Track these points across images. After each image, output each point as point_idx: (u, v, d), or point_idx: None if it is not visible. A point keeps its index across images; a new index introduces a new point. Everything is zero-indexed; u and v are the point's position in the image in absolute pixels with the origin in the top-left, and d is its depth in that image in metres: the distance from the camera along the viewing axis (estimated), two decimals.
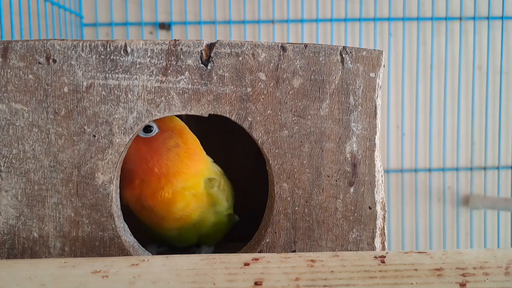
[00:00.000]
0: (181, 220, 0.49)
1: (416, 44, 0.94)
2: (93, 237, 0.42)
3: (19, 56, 0.40)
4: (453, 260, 0.35)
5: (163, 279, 0.33)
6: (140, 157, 0.46)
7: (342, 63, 0.42)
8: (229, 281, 0.33)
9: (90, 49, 0.41)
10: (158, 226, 0.50)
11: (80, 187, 0.42)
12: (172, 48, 0.41)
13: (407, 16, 0.93)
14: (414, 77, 0.95)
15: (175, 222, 0.49)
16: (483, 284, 0.33)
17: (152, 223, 0.50)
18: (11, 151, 0.41)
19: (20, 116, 0.41)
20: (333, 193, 0.43)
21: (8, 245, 0.41)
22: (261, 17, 0.92)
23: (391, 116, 0.96)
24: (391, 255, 0.36)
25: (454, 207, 0.98)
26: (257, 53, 0.42)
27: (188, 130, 0.50)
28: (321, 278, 0.33)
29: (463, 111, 0.96)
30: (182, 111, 0.42)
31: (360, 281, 0.33)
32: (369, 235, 0.44)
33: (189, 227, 0.50)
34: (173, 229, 0.50)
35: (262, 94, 0.42)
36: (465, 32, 0.95)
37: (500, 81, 0.95)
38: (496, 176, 0.97)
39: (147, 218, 0.49)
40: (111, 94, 0.41)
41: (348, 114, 0.43)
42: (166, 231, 0.51)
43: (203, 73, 0.41)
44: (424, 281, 0.33)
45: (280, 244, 0.44)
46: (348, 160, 0.43)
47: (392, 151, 0.96)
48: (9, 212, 0.41)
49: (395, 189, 0.97)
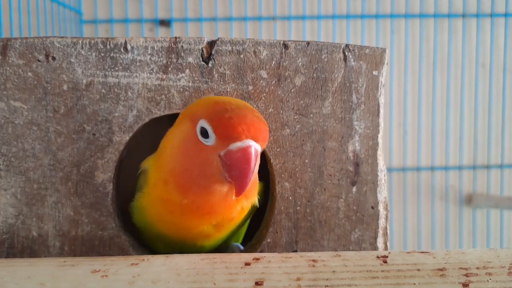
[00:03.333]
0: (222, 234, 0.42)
1: (419, 42, 0.93)
2: (92, 236, 0.42)
3: (18, 54, 0.40)
4: (456, 260, 0.35)
5: (163, 279, 0.33)
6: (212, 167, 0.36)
7: (344, 61, 0.42)
8: (230, 281, 0.33)
9: (90, 47, 0.40)
10: (185, 237, 0.41)
11: (79, 186, 0.41)
12: (172, 45, 0.41)
13: (410, 13, 0.93)
14: (417, 74, 0.94)
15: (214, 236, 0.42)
16: (486, 284, 0.33)
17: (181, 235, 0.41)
18: (10, 149, 0.41)
19: (19, 114, 0.40)
20: (335, 192, 0.43)
21: (7, 244, 0.41)
22: (262, 13, 0.92)
23: (393, 114, 0.95)
24: (393, 255, 0.35)
25: (457, 206, 0.97)
26: (258, 50, 0.41)
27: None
28: (322, 278, 0.33)
29: (466, 109, 0.95)
30: (183, 109, 0.41)
31: (362, 281, 0.33)
32: (372, 235, 0.44)
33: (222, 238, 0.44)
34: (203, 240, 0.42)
35: (264, 92, 0.42)
36: (468, 29, 0.94)
37: (503, 78, 0.95)
38: (500, 174, 0.96)
39: (175, 228, 0.40)
40: (111, 92, 0.41)
41: (350, 112, 0.42)
42: (190, 241, 0.42)
43: (204, 70, 0.41)
44: (427, 281, 0.33)
45: (282, 244, 0.43)
46: (350, 159, 0.43)
47: (394, 150, 0.96)
48: (8, 211, 0.41)
49: (398, 188, 0.96)
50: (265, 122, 0.35)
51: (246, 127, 0.34)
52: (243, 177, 0.34)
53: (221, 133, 0.34)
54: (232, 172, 0.34)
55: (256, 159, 0.34)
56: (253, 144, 0.34)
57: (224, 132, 0.34)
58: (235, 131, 0.33)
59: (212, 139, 0.35)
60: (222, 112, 0.34)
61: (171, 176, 0.37)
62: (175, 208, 0.38)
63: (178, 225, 0.40)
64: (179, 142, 0.37)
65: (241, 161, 0.34)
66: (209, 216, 0.38)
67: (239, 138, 0.34)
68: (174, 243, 0.43)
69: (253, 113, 0.35)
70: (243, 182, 0.34)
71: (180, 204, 0.37)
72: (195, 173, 0.36)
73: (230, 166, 0.34)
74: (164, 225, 0.41)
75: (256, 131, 0.34)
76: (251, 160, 0.34)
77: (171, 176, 0.37)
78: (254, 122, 0.34)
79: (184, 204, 0.37)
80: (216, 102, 0.36)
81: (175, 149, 0.38)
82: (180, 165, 0.37)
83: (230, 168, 0.34)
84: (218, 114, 0.34)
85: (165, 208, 0.39)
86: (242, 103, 0.36)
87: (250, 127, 0.34)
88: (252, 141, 0.34)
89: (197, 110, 0.37)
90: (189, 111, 0.38)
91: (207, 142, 0.35)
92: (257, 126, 0.34)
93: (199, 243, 0.42)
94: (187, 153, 0.36)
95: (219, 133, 0.34)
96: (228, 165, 0.34)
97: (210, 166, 0.35)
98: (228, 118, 0.34)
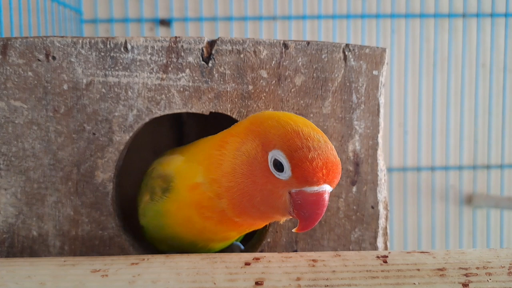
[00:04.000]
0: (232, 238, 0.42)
1: (419, 41, 0.93)
2: (92, 236, 0.42)
3: (18, 53, 0.40)
4: (456, 260, 0.35)
5: (163, 279, 0.33)
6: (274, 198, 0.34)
7: (345, 61, 0.42)
8: (230, 280, 0.33)
9: (90, 46, 0.40)
10: (204, 240, 0.41)
11: (79, 186, 0.41)
12: (172, 45, 0.40)
13: (410, 13, 0.93)
14: (417, 74, 0.94)
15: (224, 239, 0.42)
16: (486, 284, 0.33)
17: (201, 238, 0.40)
18: (11, 149, 0.41)
19: (20, 114, 0.40)
20: (335, 192, 0.43)
21: (7, 243, 0.41)
22: (262, 13, 0.92)
23: (393, 114, 0.95)
24: (393, 255, 0.35)
25: (457, 206, 0.97)
26: (258, 50, 0.41)
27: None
28: (322, 278, 0.33)
29: (467, 109, 0.95)
30: (183, 109, 0.41)
31: (362, 281, 0.33)
32: (372, 234, 0.44)
33: (236, 240, 0.45)
34: (220, 242, 0.42)
35: (264, 92, 0.42)
36: (469, 29, 0.94)
37: (504, 78, 0.94)
38: (500, 174, 0.96)
39: (200, 232, 0.40)
40: (111, 92, 0.41)
41: (350, 112, 0.42)
42: (206, 243, 0.42)
43: (204, 70, 0.41)
44: (427, 281, 0.33)
45: (282, 244, 0.43)
46: (350, 159, 0.43)
47: (394, 150, 0.96)
48: (8, 211, 0.41)
49: (398, 187, 0.96)
50: (339, 161, 0.32)
51: (327, 172, 0.31)
52: (313, 220, 0.32)
53: (299, 174, 0.31)
54: (301, 212, 0.32)
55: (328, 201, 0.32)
56: (329, 190, 0.32)
57: (304, 174, 0.31)
58: (316, 176, 0.31)
59: (286, 175, 0.32)
60: (304, 150, 0.31)
61: (228, 193, 0.35)
62: (214, 215, 0.37)
63: (208, 230, 0.38)
64: (243, 162, 0.34)
65: (314, 205, 0.31)
66: (248, 225, 0.37)
67: (318, 183, 0.31)
68: (186, 244, 0.41)
69: (332, 152, 0.32)
70: (311, 224, 0.32)
71: (220, 212, 0.36)
72: (257, 200, 0.33)
73: (301, 206, 0.32)
74: (187, 229, 0.40)
75: (334, 175, 0.32)
76: (325, 206, 0.32)
77: (227, 193, 0.35)
78: (334, 165, 0.31)
79: (224, 213, 0.36)
80: (296, 132, 0.32)
81: (238, 168, 0.34)
82: (241, 188, 0.34)
83: (300, 207, 0.32)
84: (299, 151, 0.31)
85: (200, 214, 0.37)
86: (322, 136, 0.32)
87: (330, 172, 0.31)
88: (329, 186, 0.32)
89: (271, 134, 0.33)
90: (260, 129, 0.34)
91: (279, 176, 0.32)
92: (336, 170, 0.32)
93: (213, 245, 0.42)
94: (253, 179, 0.33)
95: (298, 173, 0.31)
96: (298, 204, 0.32)
97: (277, 199, 0.33)
98: (311, 160, 0.31)
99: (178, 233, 0.41)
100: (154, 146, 0.62)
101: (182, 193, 0.38)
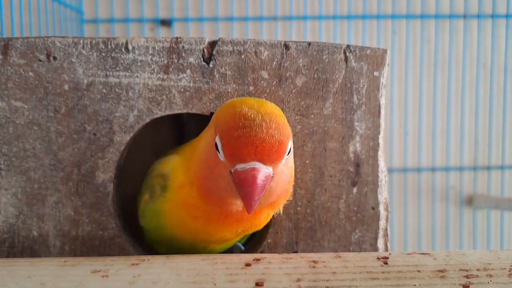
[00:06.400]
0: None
1: (420, 42, 0.93)
2: (93, 236, 0.42)
3: (19, 53, 0.40)
4: (457, 261, 0.35)
5: (163, 279, 0.33)
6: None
7: (346, 62, 0.42)
8: (230, 281, 0.33)
9: (91, 47, 0.40)
10: (202, 241, 0.41)
11: (80, 186, 0.41)
12: (173, 45, 0.40)
13: (411, 14, 0.93)
14: (418, 75, 0.94)
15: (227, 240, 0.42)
16: (487, 286, 0.33)
17: (199, 239, 0.41)
18: (11, 149, 0.41)
19: (20, 114, 0.40)
20: (335, 193, 0.43)
21: (7, 243, 0.41)
22: (263, 14, 0.92)
23: (394, 115, 0.95)
24: (394, 256, 0.35)
25: (458, 207, 0.97)
26: (259, 51, 0.41)
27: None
28: (323, 279, 0.33)
29: (467, 110, 0.95)
30: (184, 109, 0.41)
31: (362, 283, 0.33)
32: (372, 236, 0.43)
33: (237, 242, 0.45)
34: (219, 244, 0.42)
35: (265, 93, 0.42)
36: (470, 30, 0.94)
37: (504, 79, 0.94)
38: (500, 175, 0.96)
39: (196, 233, 0.40)
40: (112, 92, 0.41)
41: (351, 113, 0.42)
42: (204, 244, 0.42)
43: (205, 71, 0.41)
44: (427, 282, 0.33)
45: (282, 245, 0.43)
46: (351, 160, 0.43)
47: (395, 150, 0.96)
48: (8, 211, 0.41)
49: (398, 188, 0.96)
50: (282, 139, 0.32)
51: (254, 148, 0.31)
52: (247, 199, 0.32)
53: (228, 153, 0.32)
54: (240, 192, 0.32)
55: (266, 180, 0.32)
56: (260, 167, 0.31)
57: (231, 151, 0.32)
58: (241, 153, 0.31)
59: (221, 155, 0.33)
60: (232, 129, 0.32)
61: (196, 180, 0.36)
62: (201, 214, 0.37)
63: (201, 231, 0.39)
64: (203, 148, 0.36)
65: (245, 183, 0.32)
66: (237, 223, 0.37)
67: (244, 160, 0.31)
68: (186, 246, 0.42)
69: (268, 129, 0.32)
70: (248, 202, 0.32)
71: (204, 210, 0.37)
72: (213, 183, 0.35)
73: (237, 185, 0.32)
74: (183, 230, 0.40)
75: (266, 152, 0.31)
76: (255, 183, 0.31)
77: (196, 181, 0.36)
78: (263, 142, 0.31)
79: (209, 210, 0.36)
80: (233, 114, 0.33)
81: (201, 154, 0.36)
82: (202, 172, 0.36)
83: (237, 186, 0.32)
84: (228, 131, 0.32)
85: (189, 214, 0.38)
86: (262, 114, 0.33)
87: (258, 148, 0.31)
88: (259, 163, 0.31)
89: (218, 120, 0.35)
90: (215, 117, 0.36)
91: (220, 157, 0.33)
92: (266, 146, 0.31)
93: (213, 247, 0.42)
94: (208, 162, 0.35)
95: (226, 151, 0.32)
96: (236, 184, 0.32)
97: (223, 180, 0.34)
98: (236, 137, 0.31)
99: (175, 234, 0.41)
100: (155, 147, 0.62)
101: (174, 192, 0.39)
